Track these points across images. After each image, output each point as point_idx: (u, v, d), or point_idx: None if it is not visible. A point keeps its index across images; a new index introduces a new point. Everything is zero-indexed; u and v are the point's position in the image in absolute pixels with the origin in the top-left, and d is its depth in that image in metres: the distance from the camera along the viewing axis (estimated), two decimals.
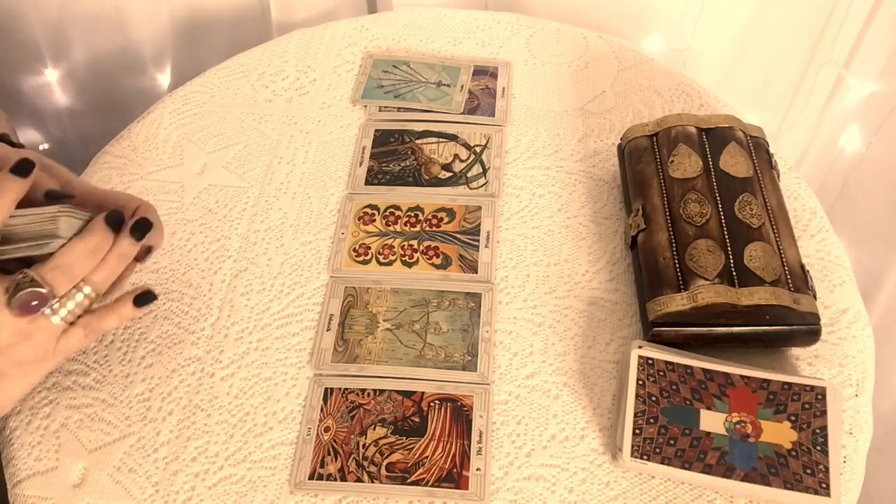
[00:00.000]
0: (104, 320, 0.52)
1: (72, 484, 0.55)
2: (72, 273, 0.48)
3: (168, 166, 0.73)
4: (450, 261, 0.65)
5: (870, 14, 0.90)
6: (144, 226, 0.51)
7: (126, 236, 0.50)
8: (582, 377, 0.59)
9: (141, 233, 0.51)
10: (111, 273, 0.50)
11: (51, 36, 1.00)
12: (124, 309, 0.52)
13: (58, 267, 0.48)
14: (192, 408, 0.59)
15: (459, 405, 0.58)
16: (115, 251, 0.50)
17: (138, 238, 0.51)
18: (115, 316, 0.52)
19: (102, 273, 0.50)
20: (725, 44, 1.00)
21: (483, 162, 0.72)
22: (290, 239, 0.68)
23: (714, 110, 0.75)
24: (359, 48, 0.83)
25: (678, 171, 0.63)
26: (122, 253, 0.50)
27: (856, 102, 0.97)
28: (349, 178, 0.72)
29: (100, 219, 0.50)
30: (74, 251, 0.48)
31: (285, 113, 0.77)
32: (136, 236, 0.50)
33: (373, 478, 0.55)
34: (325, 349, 0.61)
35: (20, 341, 0.48)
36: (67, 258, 0.48)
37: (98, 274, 0.50)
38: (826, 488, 0.51)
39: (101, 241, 0.49)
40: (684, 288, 0.57)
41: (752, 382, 0.55)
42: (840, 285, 0.63)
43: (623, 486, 0.54)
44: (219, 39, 1.05)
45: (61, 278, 0.48)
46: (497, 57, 0.81)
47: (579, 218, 0.68)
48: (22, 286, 0.46)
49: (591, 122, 0.75)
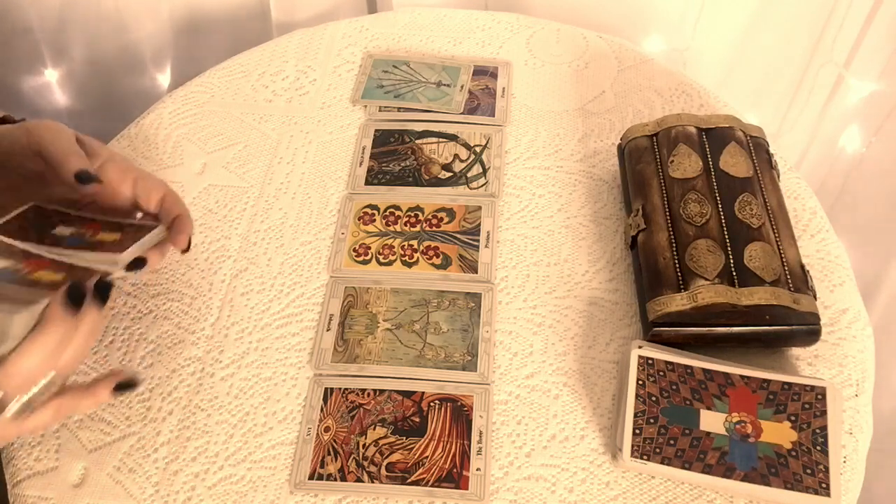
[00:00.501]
0: (79, 404, 0.47)
1: (72, 484, 0.56)
2: (28, 377, 0.42)
3: (168, 166, 0.73)
4: (450, 261, 0.65)
5: (870, 14, 0.90)
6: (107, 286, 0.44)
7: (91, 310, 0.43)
8: (582, 377, 0.59)
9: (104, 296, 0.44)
10: (80, 352, 0.44)
11: (51, 36, 1.00)
12: (102, 394, 0.47)
13: (11, 375, 0.41)
14: (192, 408, 0.59)
15: (459, 405, 0.58)
16: (82, 331, 0.43)
17: (102, 303, 0.44)
18: (91, 400, 0.47)
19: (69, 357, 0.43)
20: (725, 44, 1.00)
21: (483, 162, 0.72)
22: (290, 239, 0.68)
23: (714, 110, 0.75)
24: (359, 48, 0.83)
25: (678, 171, 0.63)
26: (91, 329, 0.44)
27: (856, 102, 0.97)
28: (349, 178, 0.72)
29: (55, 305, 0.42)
30: (30, 354, 0.41)
31: (285, 113, 0.77)
32: (100, 304, 0.44)
33: (373, 478, 0.55)
34: (325, 349, 0.61)
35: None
36: (22, 363, 0.41)
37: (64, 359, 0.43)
38: (826, 488, 0.51)
39: (61, 333, 0.42)
40: (684, 288, 0.57)
41: (752, 382, 0.55)
42: (840, 285, 0.63)
43: (623, 486, 0.54)
44: (219, 39, 1.05)
45: (16, 384, 0.42)
46: (497, 57, 0.81)
47: (579, 218, 0.68)
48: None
49: (591, 122, 0.75)
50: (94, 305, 0.44)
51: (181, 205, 0.55)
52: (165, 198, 0.55)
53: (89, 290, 0.44)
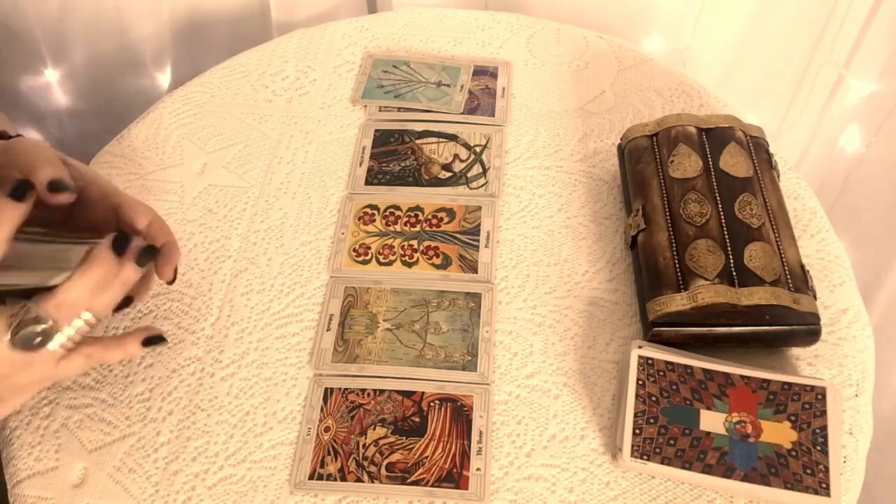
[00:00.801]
0: (109, 353, 0.50)
1: (72, 484, 0.55)
2: (75, 308, 0.47)
3: (168, 166, 0.73)
4: (450, 261, 0.65)
5: (870, 14, 0.90)
6: (150, 252, 0.49)
7: (131, 264, 0.48)
8: (582, 377, 0.59)
9: (146, 260, 0.49)
10: (113, 299, 0.49)
11: (51, 36, 1.00)
12: (131, 346, 0.51)
13: (61, 303, 0.46)
14: (192, 408, 0.59)
15: (459, 405, 0.58)
16: (120, 279, 0.48)
17: (143, 265, 0.49)
18: (120, 350, 0.51)
19: (104, 300, 0.48)
20: (725, 44, 1.00)
21: (483, 162, 0.72)
22: (290, 239, 0.68)
23: (714, 110, 0.75)
24: (359, 48, 0.83)
25: (678, 171, 0.63)
26: (125, 281, 0.49)
27: (856, 102, 0.97)
28: (349, 178, 0.72)
29: (104, 247, 0.47)
30: (79, 286, 0.46)
31: (285, 113, 0.77)
32: (141, 263, 0.49)
33: (373, 478, 0.55)
34: (325, 349, 0.61)
35: (19, 370, 0.47)
36: (70, 293, 0.46)
37: (100, 300, 0.48)
38: (826, 488, 0.51)
39: (106, 272, 0.47)
40: (684, 288, 0.57)
41: (752, 382, 0.55)
42: (840, 285, 0.63)
43: (623, 486, 0.54)
44: (219, 39, 1.05)
45: (65, 313, 0.46)
46: (497, 57, 0.81)
47: (579, 218, 0.68)
48: (25, 323, 0.45)
49: (591, 122, 0.75)
50: (133, 263, 0.48)
51: (168, 233, 0.55)
52: (152, 225, 0.54)
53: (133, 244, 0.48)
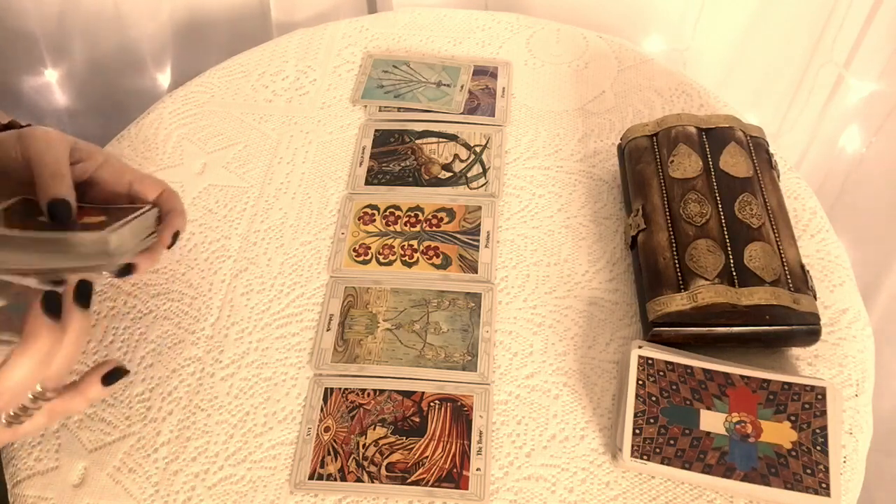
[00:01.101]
0: (71, 404, 0.46)
1: (72, 484, 0.56)
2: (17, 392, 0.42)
3: (168, 166, 0.73)
4: (450, 261, 0.65)
5: (870, 14, 0.90)
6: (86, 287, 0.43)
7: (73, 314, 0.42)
8: (582, 377, 0.59)
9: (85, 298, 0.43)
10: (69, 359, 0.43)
11: (51, 36, 1.00)
12: (92, 390, 0.46)
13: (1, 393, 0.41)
14: (192, 408, 0.59)
15: (459, 405, 0.58)
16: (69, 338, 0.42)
17: (86, 305, 0.43)
18: (82, 399, 0.46)
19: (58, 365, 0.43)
20: (725, 44, 1.00)
21: (483, 162, 0.72)
22: (290, 239, 0.68)
23: (714, 110, 0.75)
24: (359, 48, 0.83)
25: (678, 171, 0.63)
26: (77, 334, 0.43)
27: (856, 102, 0.97)
28: (349, 178, 0.72)
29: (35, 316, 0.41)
30: (18, 370, 0.41)
31: (285, 113, 0.77)
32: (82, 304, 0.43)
33: (373, 478, 0.55)
34: (325, 349, 0.61)
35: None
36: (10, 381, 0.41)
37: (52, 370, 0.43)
38: (826, 488, 0.51)
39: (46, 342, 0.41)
40: (684, 288, 0.57)
41: (752, 382, 0.55)
42: (840, 285, 0.63)
43: (623, 486, 0.54)
44: (219, 39, 1.05)
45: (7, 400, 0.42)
46: (497, 57, 0.81)
47: (579, 218, 0.68)
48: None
49: (591, 122, 0.75)
50: (76, 309, 0.42)
51: (178, 201, 0.55)
52: (163, 194, 0.55)
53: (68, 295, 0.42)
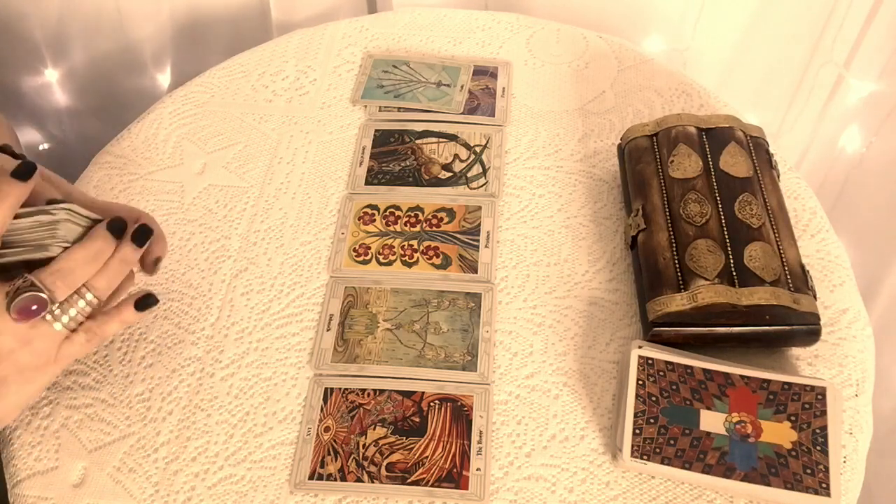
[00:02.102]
0: (106, 326, 0.51)
1: (72, 484, 0.55)
2: (72, 278, 0.48)
3: (168, 166, 0.73)
4: (450, 261, 0.65)
5: (870, 14, 0.90)
6: (146, 232, 0.51)
7: (128, 242, 0.50)
8: (582, 377, 0.59)
9: (142, 239, 0.51)
10: (113, 279, 0.50)
11: (51, 36, 1.00)
12: (126, 313, 0.52)
13: (58, 272, 0.47)
14: (192, 408, 0.59)
15: (459, 405, 0.58)
16: (117, 257, 0.50)
17: (140, 244, 0.51)
18: (116, 321, 0.52)
19: (104, 279, 0.50)
20: (725, 44, 1.00)
21: (483, 162, 0.72)
22: (290, 239, 0.68)
23: (714, 110, 0.75)
24: (359, 48, 0.83)
25: (678, 171, 0.63)
26: (124, 259, 0.50)
27: (856, 102, 0.97)
28: (349, 178, 0.72)
29: (102, 225, 0.50)
30: (75, 257, 0.48)
31: (285, 113, 0.77)
32: (139, 243, 0.51)
33: (373, 478, 0.55)
34: (325, 349, 0.61)
35: (21, 347, 0.48)
36: (68, 263, 0.48)
37: (100, 280, 0.50)
38: (826, 488, 0.51)
39: (103, 246, 0.49)
40: (684, 288, 0.57)
41: (752, 382, 0.55)
42: (840, 285, 0.63)
43: (623, 486, 0.54)
44: (219, 39, 1.05)
45: (61, 283, 0.48)
46: (497, 57, 0.81)
47: (579, 218, 0.68)
48: (22, 290, 0.46)
49: (591, 122, 0.75)
50: (130, 242, 0.50)
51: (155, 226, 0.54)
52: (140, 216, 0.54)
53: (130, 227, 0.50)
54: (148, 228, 0.51)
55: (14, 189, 0.46)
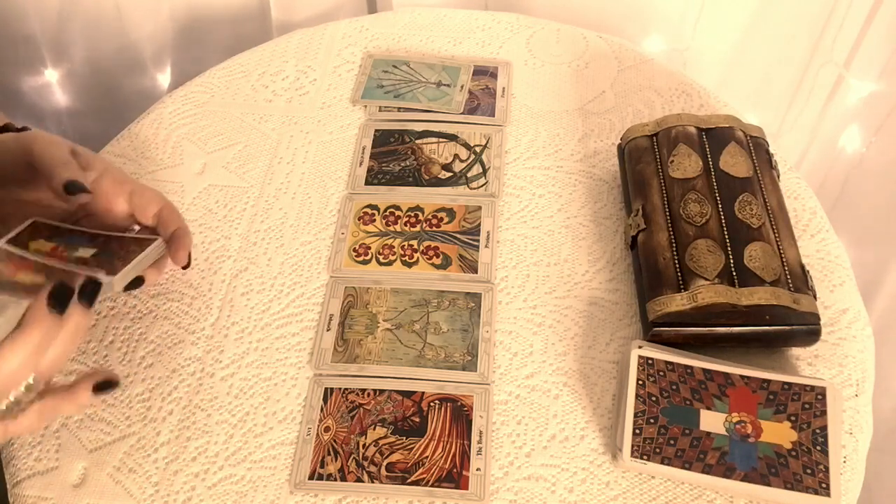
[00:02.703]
0: (60, 406, 0.46)
1: (72, 484, 0.56)
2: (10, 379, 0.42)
3: (168, 166, 0.73)
4: (450, 261, 0.65)
5: (870, 14, 0.90)
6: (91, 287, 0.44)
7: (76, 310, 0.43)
8: (582, 377, 0.59)
9: (91, 297, 0.44)
10: (64, 352, 0.44)
11: (51, 36, 1.00)
12: (83, 396, 0.46)
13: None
14: (192, 408, 0.59)
15: (459, 405, 0.58)
16: (67, 330, 0.43)
17: (89, 304, 0.44)
18: (72, 404, 0.46)
19: (52, 357, 0.43)
20: (725, 44, 1.00)
21: (483, 162, 0.72)
22: (290, 239, 0.68)
23: (714, 110, 0.75)
24: (359, 48, 0.83)
25: (678, 171, 0.63)
26: (75, 329, 0.44)
27: (856, 102, 0.97)
28: (349, 178, 0.72)
29: (38, 306, 0.42)
30: (11, 357, 0.41)
31: (285, 113, 0.77)
32: (86, 304, 0.44)
33: (373, 478, 0.55)
34: (325, 349, 0.61)
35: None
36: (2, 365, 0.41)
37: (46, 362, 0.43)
38: (826, 488, 0.51)
39: (43, 334, 0.42)
40: (684, 288, 0.57)
41: (752, 382, 0.55)
42: (840, 285, 0.63)
43: (623, 486, 0.54)
44: (219, 39, 1.05)
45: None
46: (497, 57, 0.81)
47: (579, 218, 0.68)
48: None
49: (591, 122, 0.75)
50: (80, 306, 0.43)
51: (179, 218, 0.54)
52: (162, 211, 0.54)
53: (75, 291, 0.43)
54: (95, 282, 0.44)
55: None
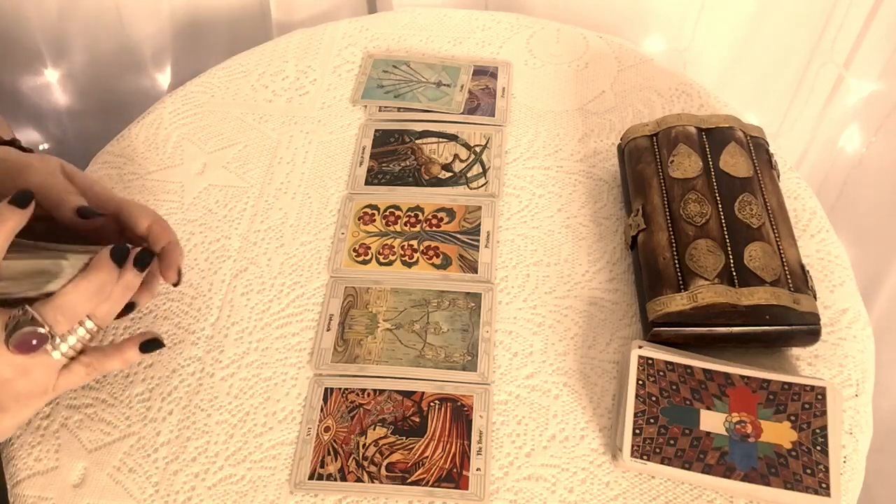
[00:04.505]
0: (108, 361, 0.51)
1: (72, 484, 0.56)
2: (73, 313, 0.47)
3: (168, 166, 0.73)
4: (450, 261, 0.65)
5: (870, 14, 0.90)
6: (148, 256, 0.50)
7: (130, 269, 0.49)
8: (582, 377, 0.59)
9: (143, 264, 0.50)
10: (115, 307, 0.50)
11: (51, 36, 1.00)
12: (129, 353, 0.52)
13: (59, 307, 0.46)
14: (192, 408, 0.59)
15: (459, 405, 0.58)
16: (121, 285, 0.49)
17: (141, 269, 0.50)
18: (119, 359, 0.51)
19: (106, 307, 0.49)
20: (725, 44, 1.00)
21: (483, 162, 0.72)
22: (290, 239, 0.68)
23: (714, 110, 0.75)
24: (359, 48, 0.83)
25: (678, 171, 0.63)
26: (126, 286, 0.50)
27: (856, 102, 0.97)
28: (349, 178, 0.72)
29: (105, 253, 0.48)
30: (77, 291, 0.47)
31: (285, 113, 0.77)
32: (140, 267, 0.50)
33: (373, 478, 0.55)
34: (325, 349, 0.61)
35: (19, 376, 0.47)
36: (70, 298, 0.47)
37: (101, 308, 0.49)
38: (826, 488, 0.51)
39: (106, 278, 0.48)
40: (684, 288, 0.57)
41: (752, 382, 0.55)
42: (840, 285, 0.63)
43: (623, 486, 0.54)
44: (219, 39, 1.05)
45: (62, 318, 0.47)
46: (497, 57, 0.81)
47: (579, 218, 0.68)
48: (21, 324, 0.45)
49: (591, 122, 0.75)
50: (132, 268, 0.49)
51: (170, 234, 0.54)
52: (153, 226, 0.54)
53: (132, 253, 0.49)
54: (150, 253, 0.51)
55: (12, 215, 0.46)
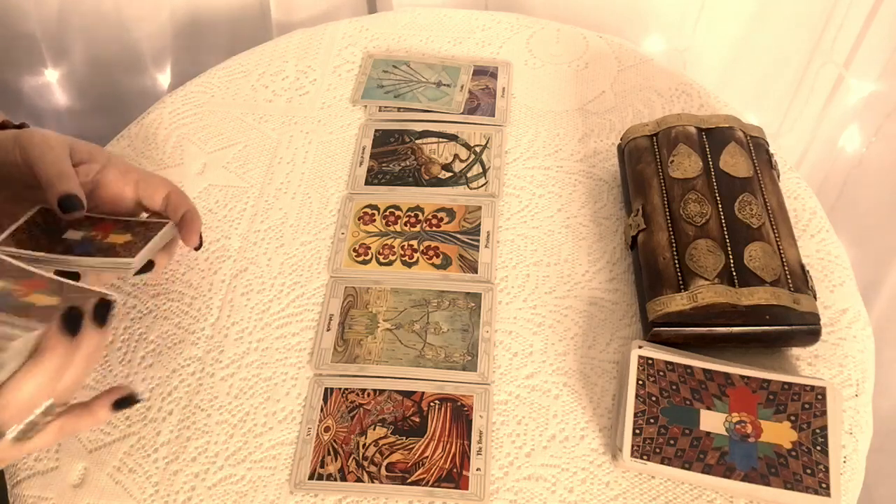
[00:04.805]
0: (79, 422, 0.46)
1: (72, 484, 0.56)
2: (25, 407, 0.41)
3: (168, 166, 0.73)
4: (450, 261, 0.65)
5: (870, 14, 0.90)
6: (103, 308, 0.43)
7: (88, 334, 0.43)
8: (582, 377, 0.59)
9: (103, 319, 0.43)
10: (82, 374, 0.44)
11: (51, 36, 1.00)
12: (101, 413, 0.47)
13: (5, 407, 0.40)
14: (192, 408, 0.59)
15: (459, 405, 0.58)
16: (80, 355, 0.43)
17: (101, 324, 0.43)
18: (90, 420, 0.46)
19: (70, 380, 0.43)
20: (725, 44, 1.00)
21: (483, 162, 0.72)
22: (290, 239, 0.68)
23: (714, 110, 0.75)
24: (359, 48, 0.83)
25: (678, 171, 0.63)
26: (89, 353, 0.43)
27: (856, 102, 0.97)
28: (349, 178, 0.72)
29: (52, 332, 0.41)
30: (26, 384, 0.41)
31: (285, 113, 0.77)
32: (99, 323, 0.43)
33: (373, 478, 0.55)
34: (325, 349, 0.61)
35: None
36: (16, 395, 0.40)
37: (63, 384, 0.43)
38: (826, 488, 0.51)
39: (59, 361, 0.41)
40: (684, 288, 0.57)
41: (752, 382, 0.55)
42: (840, 285, 0.63)
43: (623, 486, 0.54)
44: (219, 39, 1.05)
45: (13, 414, 0.41)
46: (497, 57, 0.81)
47: (579, 218, 0.68)
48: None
49: (591, 122, 0.75)
50: (93, 328, 0.43)
51: (187, 201, 0.55)
52: (170, 195, 0.55)
53: (88, 313, 0.43)
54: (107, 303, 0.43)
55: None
